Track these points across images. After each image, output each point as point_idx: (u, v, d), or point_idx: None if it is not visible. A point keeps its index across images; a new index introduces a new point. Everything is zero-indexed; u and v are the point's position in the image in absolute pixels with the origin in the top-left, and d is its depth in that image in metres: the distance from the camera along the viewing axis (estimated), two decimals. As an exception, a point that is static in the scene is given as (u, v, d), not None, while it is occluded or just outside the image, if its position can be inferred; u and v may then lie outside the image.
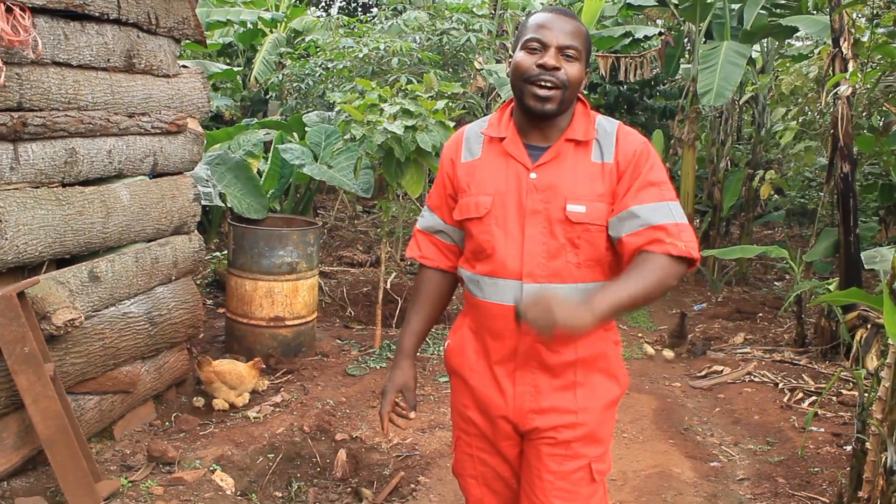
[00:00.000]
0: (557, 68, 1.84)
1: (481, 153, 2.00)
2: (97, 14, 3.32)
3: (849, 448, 3.89)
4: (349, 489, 3.68)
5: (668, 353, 5.64)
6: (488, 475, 2.11)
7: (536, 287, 1.87)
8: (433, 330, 5.55)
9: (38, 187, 3.16)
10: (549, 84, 1.84)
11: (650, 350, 5.71)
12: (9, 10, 2.87)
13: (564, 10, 1.93)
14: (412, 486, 3.62)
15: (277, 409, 4.12)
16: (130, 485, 3.22)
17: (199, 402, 4.13)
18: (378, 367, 4.82)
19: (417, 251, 2.18)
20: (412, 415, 2.13)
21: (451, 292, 2.22)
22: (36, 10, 3.03)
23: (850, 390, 4.76)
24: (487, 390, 2.01)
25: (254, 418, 3.99)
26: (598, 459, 2.01)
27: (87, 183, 3.46)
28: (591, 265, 1.91)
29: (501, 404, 1.99)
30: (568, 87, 1.87)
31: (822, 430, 4.24)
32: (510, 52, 1.98)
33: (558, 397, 1.96)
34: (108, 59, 3.45)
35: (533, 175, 1.90)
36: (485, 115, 6.55)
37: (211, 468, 3.43)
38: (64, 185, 3.32)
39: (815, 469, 3.81)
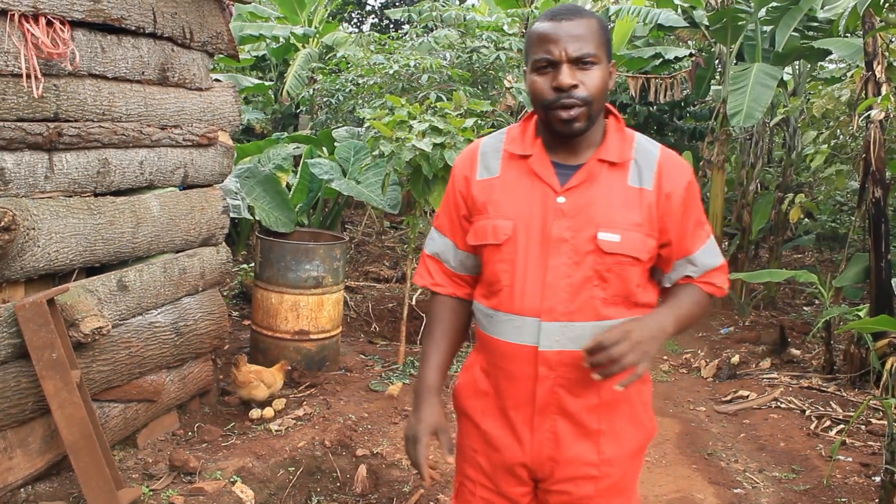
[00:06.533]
0: (575, 86, 1.65)
1: (500, 171, 1.80)
2: (133, 28, 3.38)
3: (878, 479, 3.81)
4: (368, 505, 3.67)
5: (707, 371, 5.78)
6: None
7: (558, 326, 1.72)
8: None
9: (70, 196, 3.21)
10: (570, 104, 1.66)
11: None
12: (49, 24, 2.94)
13: (567, 10, 1.70)
14: (431, 503, 3.60)
15: (299, 423, 4.13)
16: (151, 493, 3.24)
17: (234, 399, 4.30)
18: (401, 384, 4.81)
19: (429, 279, 1.96)
20: (451, 459, 1.89)
21: (470, 319, 1.99)
22: (75, 24, 3.10)
23: (879, 419, 4.68)
24: (502, 436, 1.83)
25: (275, 431, 4.00)
26: None
27: (118, 193, 3.51)
28: (617, 301, 1.74)
29: (518, 452, 1.81)
30: (593, 102, 1.67)
31: (850, 459, 4.16)
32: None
33: (580, 447, 1.79)
34: (143, 72, 3.51)
35: (561, 199, 1.72)
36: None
37: (231, 479, 3.45)
38: (96, 195, 3.37)
39: (842, 499, 3.74)
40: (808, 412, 4.84)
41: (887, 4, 5.24)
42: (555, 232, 1.71)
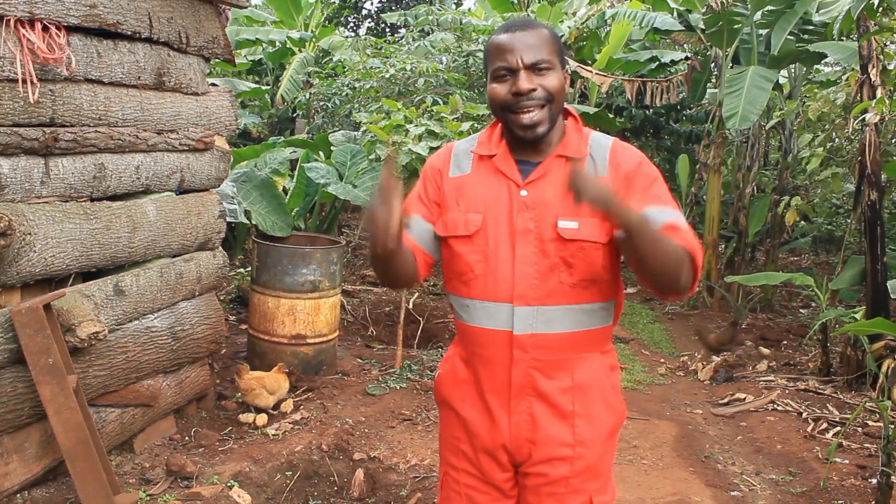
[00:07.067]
0: (533, 89, 1.76)
1: (471, 170, 1.92)
2: (129, 32, 3.38)
3: (874, 481, 3.82)
4: (366, 509, 3.67)
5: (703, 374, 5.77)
6: None
7: (530, 310, 1.81)
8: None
9: (67, 201, 3.21)
10: (530, 107, 1.77)
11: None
12: (45, 29, 2.94)
13: (520, 23, 1.83)
14: (429, 507, 3.60)
15: (296, 427, 4.13)
16: (149, 498, 3.24)
17: (231, 404, 4.31)
18: (398, 388, 4.82)
19: None
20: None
21: (414, 268, 1.89)
22: (71, 29, 3.10)
23: (875, 421, 4.68)
24: (481, 421, 1.93)
25: (272, 435, 4.00)
26: (599, 491, 1.94)
27: (114, 198, 3.51)
28: (585, 285, 1.82)
29: (497, 435, 1.90)
30: (553, 101, 1.79)
31: (847, 461, 4.17)
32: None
33: (556, 428, 1.88)
34: (139, 77, 3.51)
35: (523, 192, 1.83)
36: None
37: (229, 484, 3.44)
38: (92, 200, 3.37)
39: (839, 502, 3.74)
40: (804, 414, 4.85)
41: (881, 8, 5.27)
42: (520, 223, 1.83)
